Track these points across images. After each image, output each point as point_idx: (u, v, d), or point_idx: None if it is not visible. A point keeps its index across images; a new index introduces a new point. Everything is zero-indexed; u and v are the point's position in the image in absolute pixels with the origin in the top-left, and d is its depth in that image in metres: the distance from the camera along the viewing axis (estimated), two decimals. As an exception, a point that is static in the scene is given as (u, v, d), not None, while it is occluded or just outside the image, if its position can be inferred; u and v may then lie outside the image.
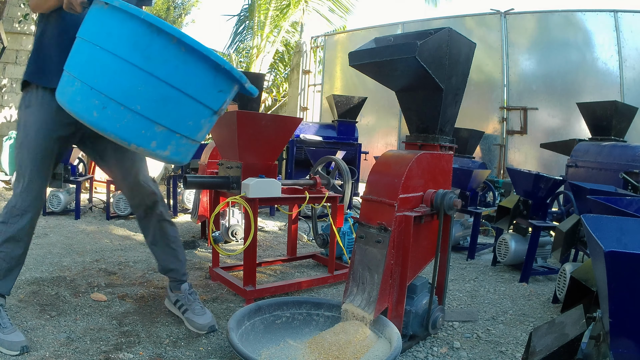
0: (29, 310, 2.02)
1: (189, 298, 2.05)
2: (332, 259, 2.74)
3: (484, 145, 6.87)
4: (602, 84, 6.13)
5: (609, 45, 6.07)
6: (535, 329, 1.35)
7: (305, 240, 4.06)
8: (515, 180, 3.35)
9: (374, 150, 7.42)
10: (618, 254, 0.87)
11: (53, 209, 4.38)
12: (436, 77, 1.80)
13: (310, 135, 5.68)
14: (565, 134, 6.11)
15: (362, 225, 1.87)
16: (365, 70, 1.95)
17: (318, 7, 9.96)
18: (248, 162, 2.46)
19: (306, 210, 4.65)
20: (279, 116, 2.76)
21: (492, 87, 6.95)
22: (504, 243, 3.31)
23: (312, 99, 9.39)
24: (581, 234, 2.50)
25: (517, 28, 6.76)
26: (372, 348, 1.64)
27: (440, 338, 2.05)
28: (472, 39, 2.02)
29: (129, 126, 1.38)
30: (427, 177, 1.92)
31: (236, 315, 1.75)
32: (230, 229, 3.60)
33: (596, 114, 4.42)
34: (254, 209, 2.27)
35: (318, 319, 1.93)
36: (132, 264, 2.91)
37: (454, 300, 2.63)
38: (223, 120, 2.48)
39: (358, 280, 1.82)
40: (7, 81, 7.42)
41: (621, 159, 3.70)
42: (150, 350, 1.76)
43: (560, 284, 2.57)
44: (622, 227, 1.24)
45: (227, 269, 2.76)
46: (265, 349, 1.74)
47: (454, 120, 2.05)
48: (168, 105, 1.41)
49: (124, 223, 4.27)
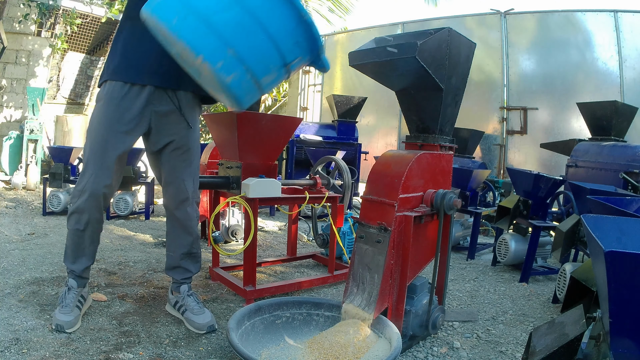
0: (29, 310, 2.02)
1: (188, 299, 2.05)
2: (332, 259, 2.74)
3: (484, 145, 6.87)
4: (602, 84, 6.13)
5: (609, 45, 6.07)
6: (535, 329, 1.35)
7: (305, 240, 4.06)
8: (515, 180, 3.35)
9: (374, 150, 7.41)
10: (618, 254, 0.87)
11: (53, 209, 4.38)
12: (436, 77, 1.80)
13: (310, 135, 5.67)
14: (565, 134, 6.11)
15: (362, 225, 1.87)
16: (365, 70, 1.95)
17: (318, 7, 9.95)
18: (248, 162, 2.46)
19: (306, 210, 4.65)
20: (279, 116, 2.76)
21: (492, 87, 6.95)
22: (504, 243, 3.31)
23: (312, 99, 9.40)
24: (581, 234, 2.50)
25: (517, 28, 6.76)
26: (372, 348, 1.64)
27: (440, 338, 2.05)
28: (472, 39, 2.02)
29: (203, 39, 1.39)
30: (427, 177, 1.92)
31: (236, 315, 1.75)
32: (230, 229, 3.60)
33: (596, 114, 4.42)
34: (254, 209, 2.27)
35: (318, 319, 1.93)
36: (132, 264, 2.91)
37: (454, 300, 2.63)
38: (223, 120, 2.48)
39: (358, 280, 1.82)
40: (7, 81, 7.42)
41: (621, 159, 3.70)
42: (150, 350, 1.76)
43: (560, 284, 2.56)
44: (622, 227, 1.24)
45: (227, 269, 2.76)
46: (265, 349, 1.74)
47: (454, 120, 2.05)
48: (245, 33, 1.42)
49: (124, 223, 4.27)
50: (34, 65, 7.58)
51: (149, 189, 4.69)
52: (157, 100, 1.93)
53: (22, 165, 6.07)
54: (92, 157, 1.89)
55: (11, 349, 1.66)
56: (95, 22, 8.44)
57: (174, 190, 2.03)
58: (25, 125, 6.18)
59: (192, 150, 2.05)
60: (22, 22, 7.21)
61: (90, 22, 8.40)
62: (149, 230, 4.04)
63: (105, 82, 1.92)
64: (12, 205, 4.72)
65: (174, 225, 2.09)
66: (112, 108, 1.88)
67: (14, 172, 6.10)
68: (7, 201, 4.94)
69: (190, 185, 2.05)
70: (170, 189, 2.04)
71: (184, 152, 2.02)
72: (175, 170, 2.02)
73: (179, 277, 2.11)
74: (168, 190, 2.05)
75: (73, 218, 1.93)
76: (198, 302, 2.05)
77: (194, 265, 2.13)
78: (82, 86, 8.70)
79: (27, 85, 7.28)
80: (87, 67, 8.82)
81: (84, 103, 8.49)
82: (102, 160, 1.89)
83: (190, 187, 2.05)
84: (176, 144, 2.00)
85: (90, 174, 1.88)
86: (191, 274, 2.13)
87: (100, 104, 1.92)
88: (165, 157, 2.02)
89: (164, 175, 2.05)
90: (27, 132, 6.14)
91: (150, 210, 4.70)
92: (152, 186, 4.87)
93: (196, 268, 2.15)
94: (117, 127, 1.88)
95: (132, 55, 1.88)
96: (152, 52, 1.82)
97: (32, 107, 6.26)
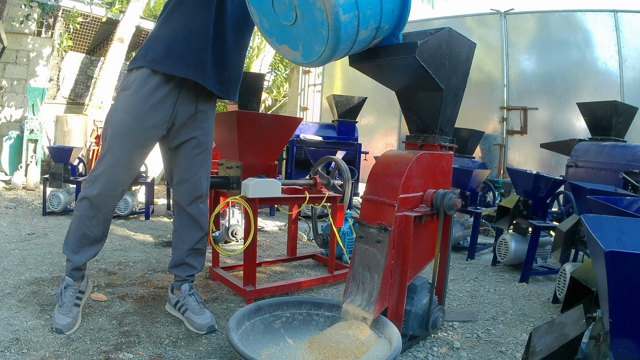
0: (29, 310, 2.02)
1: (189, 298, 2.05)
2: (332, 259, 2.74)
3: (484, 145, 6.87)
4: (602, 84, 6.13)
5: (609, 45, 6.07)
6: (535, 329, 1.35)
7: (305, 240, 4.06)
8: (515, 180, 3.35)
9: (374, 150, 7.42)
10: (618, 254, 0.87)
11: (53, 209, 4.38)
12: (436, 77, 1.80)
13: (310, 135, 5.67)
14: (565, 134, 6.12)
15: (362, 225, 1.87)
16: (365, 70, 1.95)
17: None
18: (248, 162, 2.46)
19: (306, 210, 4.65)
20: (279, 116, 2.76)
21: (492, 87, 6.95)
22: (504, 243, 3.31)
23: (312, 99, 9.40)
24: (581, 234, 2.50)
25: (517, 28, 6.76)
26: (372, 348, 1.64)
27: (440, 338, 2.05)
28: (472, 39, 2.01)
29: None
30: (427, 177, 1.92)
31: (236, 315, 1.75)
32: (230, 229, 3.60)
33: (596, 114, 4.42)
34: (254, 209, 2.27)
35: (318, 319, 1.93)
36: (132, 264, 2.91)
37: (454, 300, 2.62)
38: (223, 120, 2.48)
39: (358, 280, 1.82)
40: (7, 81, 7.42)
41: (621, 159, 3.70)
42: (150, 350, 1.76)
43: (560, 284, 2.56)
44: (622, 227, 1.24)
45: (227, 269, 2.76)
46: (265, 349, 1.74)
47: (454, 120, 2.05)
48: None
49: (124, 223, 4.27)
50: (34, 65, 7.59)
51: (149, 189, 4.69)
52: (184, 96, 1.94)
53: (22, 165, 6.07)
54: (114, 146, 1.86)
55: (11, 349, 1.67)
56: (96, 22, 8.45)
57: (191, 188, 2.04)
58: (25, 125, 6.18)
59: (209, 150, 2.09)
60: (23, 22, 7.21)
61: (90, 22, 8.41)
62: (149, 230, 4.04)
63: (141, 68, 1.88)
64: (12, 205, 4.72)
65: (184, 221, 2.09)
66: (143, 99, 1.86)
67: (14, 172, 6.10)
68: (7, 201, 4.94)
69: (205, 183, 2.08)
70: (185, 185, 2.04)
71: (203, 151, 2.04)
72: (193, 167, 2.03)
73: (183, 275, 2.11)
74: (182, 187, 2.05)
75: (83, 204, 1.89)
76: (199, 302, 2.06)
77: (199, 262, 2.14)
78: (82, 86, 8.71)
79: (27, 85, 7.29)
80: (87, 67, 8.83)
81: (83, 103, 8.49)
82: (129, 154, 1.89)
83: (205, 185, 2.09)
84: (196, 142, 2.02)
85: (110, 160, 1.86)
86: (195, 271, 2.13)
87: (127, 92, 1.88)
88: (183, 154, 2.02)
89: (180, 172, 2.05)
90: (27, 132, 6.14)
91: (150, 210, 4.70)
92: (152, 186, 4.87)
93: (201, 265, 2.15)
94: (143, 118, 1.87)
95: (178, 48, 1.85)
96: (194, 49, 1.84)
97: (32, 107, 6.26)
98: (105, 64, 7.79)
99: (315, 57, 1.59)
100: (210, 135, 2.09)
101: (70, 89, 8.56)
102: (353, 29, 1.51)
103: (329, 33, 1.48)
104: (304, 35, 1.57)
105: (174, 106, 1.92)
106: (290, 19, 1.55)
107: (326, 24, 1.46)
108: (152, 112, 1.87)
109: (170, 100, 1.90)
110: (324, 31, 1.49)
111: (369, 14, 1.52)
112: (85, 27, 8.41)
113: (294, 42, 1.62)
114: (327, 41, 1.51)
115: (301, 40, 1.59)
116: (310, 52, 1.59)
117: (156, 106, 1.87)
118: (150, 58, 1.85)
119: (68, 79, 8.54)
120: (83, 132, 7.01)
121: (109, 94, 7.72)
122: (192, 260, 2.11)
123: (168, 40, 1.85)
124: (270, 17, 1.61)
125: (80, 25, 8.17)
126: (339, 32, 1.47)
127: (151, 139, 1.94)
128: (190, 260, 2.11)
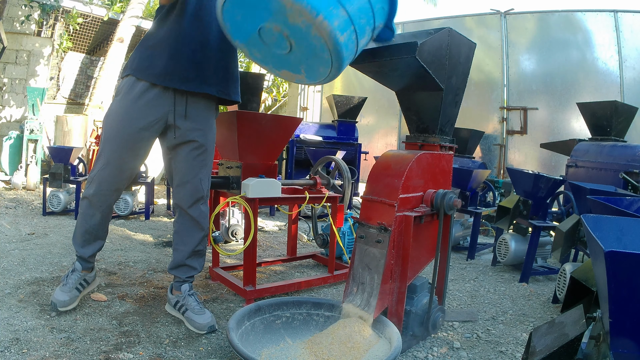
0: (29, 310, 2.02)
1: (189, 298, 2.05)
2: (332, 259, 2.74)
3: (484, 145, 6.87)
4: (602, 84, 6.14)
5: (609, 45, 6.08)
6: (535, 329, 1.35)
7: (305, 240, 4.06)
8: (515, 180, 3.35)
9: (374, 150, 7.42)
10: (618, 254, 0.87)
11: (53, 209, 4.38)
12: (436, 77, 1.80)
13: (310, 135, 5.67)
14: (565, 134, 6.12)
15: (362, 225, 1.87)
16: (365, 70, 1.95)
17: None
18: (248, 162, 2.46)
19: (306, 210, 4.65)
20: (279, 116, 2.76)
21: (492, 87, 6.95)
22: (504, 243, 3.31)
23: (312, 99, 9.39)
24: (581, 234, 2.50)
25: (517, 28, 6.77)
26: (372, 348, 1.64)
27: (440, 338, 2.05)
28: (472, 39, 2.02)
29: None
30: (427, 177, 1.92)
31: (236, 315, 1.75)
32: (230, 229, 3.60)
33: (596, 114, 4.42)
34: (254, 209, 2.27)
35: (318, 319, 1.93)
36: (132, 264, 2.91)
37: (454, 300, 2.63)
38: (223, 120, 2.48)
39: (358, 280, 1.82)
40: (7, 81, 7.42)
41: (621, 159, 3.70)
42: (150, 350, 1.76)
43: (560, 284, 2.57)
44: (622, 227, 1.24)
45: (227, 269, 2.76)
46: (265, 349, 1.74)
47: (454, 120, 2.05)
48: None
49: (124, 223, 4.27)
50: (34, 65, 7.59)
51: (149, 189, 4.69)
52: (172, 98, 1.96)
53: (22, 165, 6.06)
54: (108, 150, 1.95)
55: (11, 349, 1.67)
56: (96, 22, 8.45)
57: (192, 189, 2.05)
58: (25, 125, 6.17)
59: (209, 151, 2.09)
60: (23, 22, 7.21)
61: (90, 22, 8.41)
62: (149, 230, 4.04)
63: (127, 76, 1.95)
64: (12, 205, 4.72)
65: (186, 223, 2.10)
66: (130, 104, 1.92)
67: (14, 172, 6.10)
68: (7, 201, 4.94)
69: (206, 184, 2.09)
70: (186, 187, 2.05)
71: (202, 152, 2.05)
72: (193, 169, 2.04)
73: (184, 276, 2.11)
74: (183, 189, 2.06)
75: (84, 203, 2.02)
76: (199, 302, 2.06)
77: (199, 263, 2.14)
78: (82, 86, 8.71)
79: (27, 85, 7.28)
80: (87, 67, 8.83)
81: (83, 103, 8.49)
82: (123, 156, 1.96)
83: (206, 186, 2.10)
84: (196, 143, 2.03)
85: (102, 162, 1.95)
86: (195, 272, 2.13)
87: (118, 98, 1.96)
88: (183, 156, 2.04)
89: (180, 174, 2.06)
90: (27, 132, 6.14)
91: (150, 210, 4.70)
92: (152, 186, 4.87)
93: (201, 266, 2.15)
94: (131, 121, 1.92)
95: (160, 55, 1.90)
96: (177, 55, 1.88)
97: (32, 107, 6.26)
98: (105, 64, 7.78)
99: (322, 78, 1.59)
100: (209, 135, 2.08)
101: (70, 89, 8.56)
102: (353, 43, 1.51)
103: (332, 56, 1.48)
104: (305, 60, 1.56)
105: (164, 107, 1.95)
106: (284, 47, 1.53)
107: (327, 49, 1.46)
108: (140, 115, 1.92)
109: (158, 102, 1.93)
110: (325, 55, 1.48)
111: (363, 22, 1.52)
112: (85, 27, 8.41)
113: (294, 66, 1.61)
114: (331, 63, 1.51)
115: (302, 64, 1.58)
116: (315, 74, 1.59)
117: (143, 109, 1.92)
118: (135, 66, 1.94)
119: (68, 79, 8.54)
120: (83, 132, 7.00)
121: (109, 94, 7.72)
122: (192, 261, 2.11)
123: (150, 49, 1.93)
124: (261, 49, 1.60)
125: (80, 25, 8.17)
126: (341, 54, 1.47)
127: (142, 141, 1.98)
128: (190, 262, 2.11)
